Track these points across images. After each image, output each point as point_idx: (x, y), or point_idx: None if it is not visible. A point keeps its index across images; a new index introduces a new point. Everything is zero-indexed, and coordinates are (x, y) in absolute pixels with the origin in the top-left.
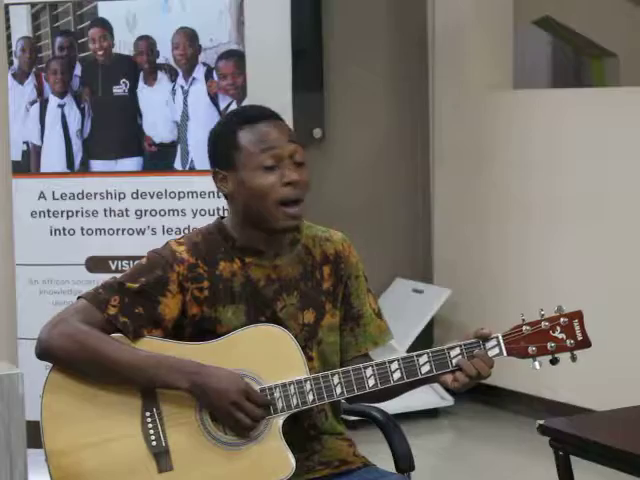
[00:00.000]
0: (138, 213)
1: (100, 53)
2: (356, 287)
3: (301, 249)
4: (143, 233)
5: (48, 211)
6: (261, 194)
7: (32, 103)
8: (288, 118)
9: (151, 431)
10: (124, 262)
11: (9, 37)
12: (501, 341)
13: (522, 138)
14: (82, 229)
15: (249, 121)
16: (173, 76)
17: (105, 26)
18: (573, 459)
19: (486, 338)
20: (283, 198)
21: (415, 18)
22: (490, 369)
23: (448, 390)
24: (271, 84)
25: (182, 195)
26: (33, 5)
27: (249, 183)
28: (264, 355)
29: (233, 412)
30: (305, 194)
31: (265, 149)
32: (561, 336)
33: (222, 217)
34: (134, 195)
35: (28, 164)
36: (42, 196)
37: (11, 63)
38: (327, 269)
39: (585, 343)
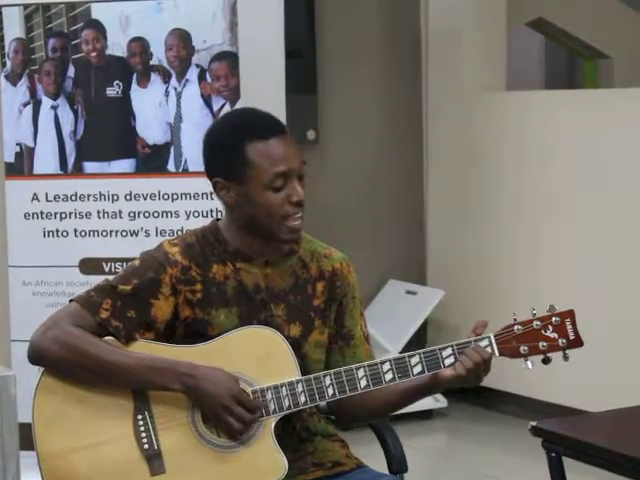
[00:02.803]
0: (131, 215)
1: (93, 55)
2: (351, 307)
3: (297, 262)
4: (137, 235)
5: (41, 213)
6: (267, 212)
7: (25, 105)
8: (282, 120)
9: (143, 434)
10: (117, 264)
11: (2, 38)
12: (493, 341)
13: (515, 139)
14: (75, 231)
15: (260, 135)
16: (166, 78)
17: (98, 27)
18: (566, 460)
19: (482, 327)
20: (287, 214)
21: (409, 19)
22: (481, 357)
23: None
24: (264, 85)
25: (175, 197)
26: (26, 7)
27: (256, 199)
28: (256, 357)
29: (223, 416)
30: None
31: (278, 172)
32: (553, 335)
33: (218, 219)
34: (127, 197)
35: (21, 166)
36: (35, 198)
37: (4, 65)
38: (321, 286)
39: (577, 342)
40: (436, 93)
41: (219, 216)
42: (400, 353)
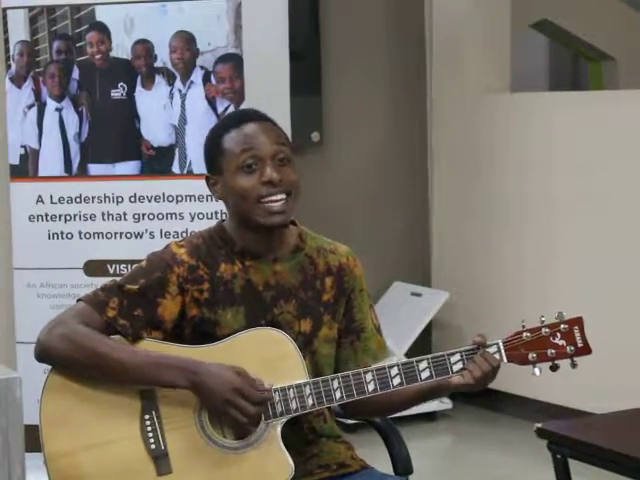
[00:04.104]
0: (136, 217)
1: (98, 57)
2: (359, 301)
3: (304, 258)
4: (141, 237)
5: (46, 215)
6: (243, 195)
7: (30, 107)
8: (286, 122)
9: (150, 434)
10: (122, 266)
11: (7, 41)
12: (501, 347)
13: (520, 141)
14: (80, 233)
15: (235, 124)
16: (171, 80)
17: (103, 30)
18: (571, 462)
19: (483, 345)
20: (260, 196)
21: (413, 21)
22: (491, 366)
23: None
24: (269, 87)
25: (180, 199)
26: (31, 9)
27: (232, 185)
28: (264, 358)
29: (227, 410)
30: (290, 191)
31: (244, 150)
32: (561, 343)
33: (223, 220)
34: (132, 199)
35: (26, 168)
36: (40, 200)
37: (9, 67)
38: (329, 281)
39: (585, 350)
40: (440, 95)
41: (224, 217)
42: (405, 355)
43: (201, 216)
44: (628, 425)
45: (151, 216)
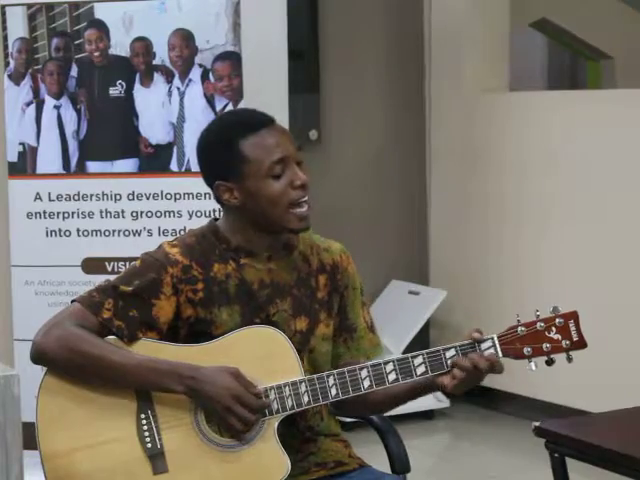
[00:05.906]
0: (134, 214)
1: (96, 54)
2: (352, 299)
3: (298, 256)
4: (139, 234)
5: (44, 212)
6: (273, 201)
7: (28, 104)
8: (284, 120)
9: (146, 433)
10: (120, 263)
11: (5, 38)
12: (496, 342)
13: (518, 140)
14: (78, 230)
15: (250, 130)
16: (169, 77)
17: (101, 27)
18: (569, 461)
19: (479, 341)
20: (293, 200)
21: (411, 20)
22: (487, 363)
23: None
24: (267, 86)
25: (178, 196)
26: (29, 6)
27: (259, 192)
28: (259, 356)
29: (226, 417)
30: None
31: (275, 157)
32: (556, 337)
33: (216, 219)
34: (130, 196)
35: (24, 165)
36: (38, 197)
37: (7, 64)
38: (323, 278)
39: (581, 344)
40: (439, 93)
41: (216, 216)
42: (403, 353)
43: (199, 214)
44: (626, 424)
45: (149, 214)
